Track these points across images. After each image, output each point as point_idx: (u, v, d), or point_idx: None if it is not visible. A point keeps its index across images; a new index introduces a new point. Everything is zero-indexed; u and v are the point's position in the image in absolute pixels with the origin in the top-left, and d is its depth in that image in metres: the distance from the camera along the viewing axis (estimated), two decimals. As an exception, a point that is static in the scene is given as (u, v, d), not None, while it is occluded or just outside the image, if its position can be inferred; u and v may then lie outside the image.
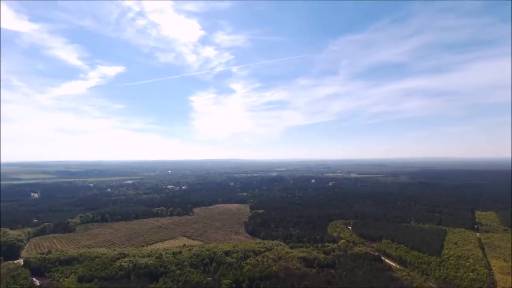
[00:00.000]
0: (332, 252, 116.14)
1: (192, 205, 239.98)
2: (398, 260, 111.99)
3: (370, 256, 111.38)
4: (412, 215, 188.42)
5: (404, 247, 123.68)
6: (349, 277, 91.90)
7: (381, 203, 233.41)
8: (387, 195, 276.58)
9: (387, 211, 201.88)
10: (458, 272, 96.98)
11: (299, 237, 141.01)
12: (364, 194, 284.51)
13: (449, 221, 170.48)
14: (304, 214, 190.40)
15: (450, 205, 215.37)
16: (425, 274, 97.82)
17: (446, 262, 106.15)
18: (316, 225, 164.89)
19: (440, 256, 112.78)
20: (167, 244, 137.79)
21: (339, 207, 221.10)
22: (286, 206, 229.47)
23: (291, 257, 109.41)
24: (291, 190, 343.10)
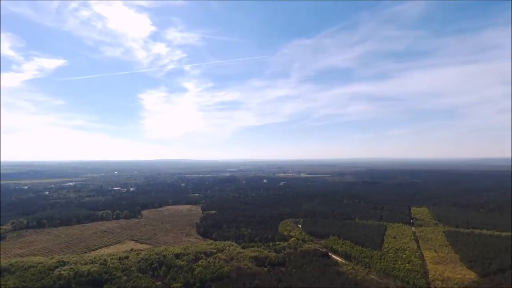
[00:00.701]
0: (283, 251, 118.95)
1: (141, 207, 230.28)
2: (344, 255, 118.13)
3: (318, 253, 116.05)
4: (356, 212, 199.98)
5: (349, 242, 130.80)
6: (298, 274, 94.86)
7: (329, 201, 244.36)
8: (334, 193, 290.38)
9: (334, 209, 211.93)
10: (396, 263, 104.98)
11: (251, 236, 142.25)
12: (313, 193, 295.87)
13: (389, 217, 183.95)
14: (256, 214, 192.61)
15: (390, 202, 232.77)
16: (367, 267, 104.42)
17: (386, 255, 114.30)
18: (268, 225, 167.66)
19: (381, 249, 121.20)
20: (112, 249, 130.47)
21: (290, 206, 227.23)
22: (238, 206, 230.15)
23: (243, 257, 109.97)
24: (244, 190, 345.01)
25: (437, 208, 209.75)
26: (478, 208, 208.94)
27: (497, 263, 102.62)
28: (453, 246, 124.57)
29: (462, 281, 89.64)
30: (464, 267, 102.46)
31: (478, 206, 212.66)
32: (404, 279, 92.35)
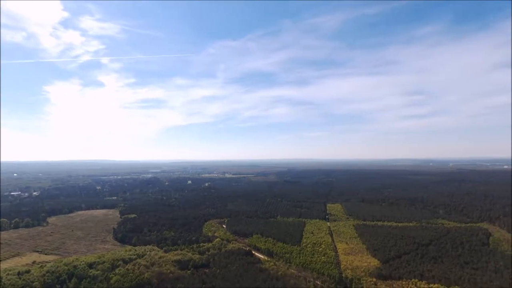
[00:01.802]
0: (207, 252, 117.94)
1: (47, 214, 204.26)
2: (266, 252, 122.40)
3: (242, 252, 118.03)
4: (278, 210, 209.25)
5: (271, 240, 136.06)
6: (222, 274, 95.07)
7: (252, 201, 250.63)
8: (258, 193, 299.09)
9: (258, 208, 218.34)
10: (314, 257, 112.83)
11: (174, 239, 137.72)
12: (238, 193, 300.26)
13: (308, 213, 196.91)
14: (180, 216, 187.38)
15: (308, 200, 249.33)
16: (288, 262, 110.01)
17: (304, 249, 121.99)
18: (192, 226, 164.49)
19: (300, 245, 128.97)
20: (10, 264, 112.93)
21: (214, 206, 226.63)
22: (161, 209, 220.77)
23: (165, 261, 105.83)
24: (167, 192, 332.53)
25: (348, 204, 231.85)
26: (380, 203, 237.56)
27: (396, 250, 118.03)
28: (361, 237, 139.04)
29: (367, 268, 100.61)
30: (370, 255, 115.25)
31: (380, 201, 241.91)
32: (320, 271, 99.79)
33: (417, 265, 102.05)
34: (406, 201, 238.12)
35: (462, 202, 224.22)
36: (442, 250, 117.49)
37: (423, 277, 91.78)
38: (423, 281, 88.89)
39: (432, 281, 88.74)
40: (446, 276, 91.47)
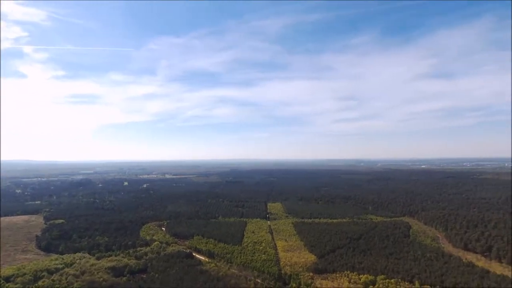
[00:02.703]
0: (144, 256, 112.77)
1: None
2: (207, 254, 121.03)
3: (182, 254, 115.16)
4: (220, 211, 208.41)
5: (213, 241, 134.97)
6: (161, 278, 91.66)
7: (193, 201, 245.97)
8: (199, 194, 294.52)
9: (199, 209, 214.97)
10: (254, 255, 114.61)
11: (108, 245, 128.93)
12: (178, 194, 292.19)
13: (249, 213, 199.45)
14: (115, 220, 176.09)
15: (250, 200, 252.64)
16: (229, 263, 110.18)
17: (245, 249, 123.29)
18: (128, 230, 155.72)
19: (241, 244, 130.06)
20: None
21: (153, 209, 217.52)
22: (93, 213, 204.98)
23: (97, 269, 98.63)
24: (100, 195, 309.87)
25: (288, 203, 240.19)
26: (317, 201, 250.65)
27: (331, 244, 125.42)
28: (299, 234, 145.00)
29: (305, 264, 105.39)
30: (307, 251, 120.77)
31: (317, 200, 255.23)
32: (261, 269, 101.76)
33: (349, 258, 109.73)
34: (341, 199, 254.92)
35: (388, 198, 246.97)
36: (371, 243, 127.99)
37: (354, 269, 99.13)
38: (354, 273, 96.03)
39: (362, 272, 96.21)
40: (374, 267, 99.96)
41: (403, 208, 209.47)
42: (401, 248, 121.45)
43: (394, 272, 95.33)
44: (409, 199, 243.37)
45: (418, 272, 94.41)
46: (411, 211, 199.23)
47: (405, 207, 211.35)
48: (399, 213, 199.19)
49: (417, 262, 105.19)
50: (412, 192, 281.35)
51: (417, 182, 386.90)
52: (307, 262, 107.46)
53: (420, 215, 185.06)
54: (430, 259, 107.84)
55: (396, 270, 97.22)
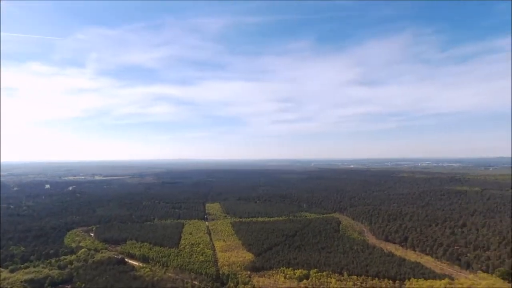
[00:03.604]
0: (69, 265, 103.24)
1: None
2: (141, 258, 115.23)
3: (113, 261, 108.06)
4: (156, 213, 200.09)
5: (147, 244, 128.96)
6: None
7: (127, 204, 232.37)
8: (133, 195, 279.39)
9: (133, 211, 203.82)
10: (192, 257, 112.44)
11: (25, 255, 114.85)
12: (109, 197, 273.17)
13: (187, 214, 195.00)
14: (34, 227, 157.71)
15: (187, 201, 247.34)
16: (165, 266, 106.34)
17: (183, 251, 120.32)
18: (50, 238, 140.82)
19: (178, 247, 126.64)
20: None
21: (80, 213, 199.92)
22: (6, 220, 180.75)
23: (11, 283, 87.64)
24: (16, 199, 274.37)
25: (226, 203, 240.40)
26: (255, 200, 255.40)
27: (268, 242, 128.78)
28: (237, 234, 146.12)
29: (243, 262, 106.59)
30: (245, 250, 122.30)
31: (256, 199, 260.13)
32: (198, 271, 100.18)
33: (285, 255, 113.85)
34: (277, 198, 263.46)
35: (321, 196, 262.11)
36: (305, 239, 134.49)
37: (290, 265, 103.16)
38: (289, 268, 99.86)
39: (297, 267, 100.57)
40: (308, 262, 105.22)
41: (334, 205, 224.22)
42: (332, 242, 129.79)
43: (325, 265, 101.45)
44: (339, 196, 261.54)
45: (347, 264, 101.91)
46: (341, 208, 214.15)
47: (336, 204, 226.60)
48: (331, 210, 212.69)
49: (345, 254, 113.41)
50: (342, 190, 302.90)
51: (346, 180, 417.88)
52: (244, 261, 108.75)
53: (348, 211, 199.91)
54: (357, 251, 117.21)
55: (328, 263, 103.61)
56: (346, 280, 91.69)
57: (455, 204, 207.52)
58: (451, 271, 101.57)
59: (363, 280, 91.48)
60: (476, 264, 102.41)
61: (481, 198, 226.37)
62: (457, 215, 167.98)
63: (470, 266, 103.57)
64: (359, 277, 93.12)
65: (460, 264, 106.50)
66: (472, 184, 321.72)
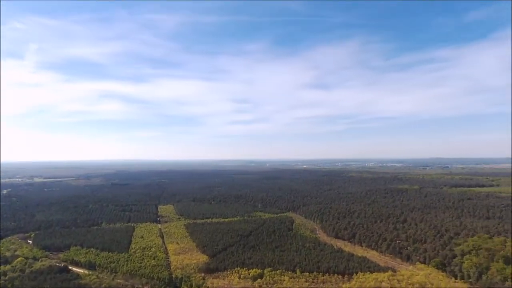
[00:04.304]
0: (3, 277, 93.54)
1: None
2: (87, 265, 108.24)
3: (55, 269, 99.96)
4: (104, 216, 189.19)
5: (94, 250, 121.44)
6: (26, 300, 77.65)
7: (70, 208, 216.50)
8: (78, 199, 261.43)
9: (78, 216, 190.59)
10: (143, 262, 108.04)
11: None
12: (51, 200, 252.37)
13: (138, 217, 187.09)
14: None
15: (139, 203, 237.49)
16: (114, 273, 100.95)
17: (133, 256, 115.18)
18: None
19: (128, 251, 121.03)
20: None
21: (15, 219, 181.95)
22: None
23: None
24: None
25: (180, 204, 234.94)
26: (210, 201, 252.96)
27: (222, 243, 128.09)
28: (191, 236, 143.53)
29: (197, 265, 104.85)
30: (199, 252, 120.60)
31: (210, 200, 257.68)
32: (150, 275, 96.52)
33: (239, 255, 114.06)
34: (233, 198, 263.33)
35: (275, 196, 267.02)
36: (259, 239, 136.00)
37: (244, 265, 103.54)
38: (244, 268, 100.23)
39: (251, 267, 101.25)
40: (262, 261, 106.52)
41: (287, 204, 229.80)
42: (285, 241, 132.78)
43: (279, 264, 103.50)
44: (293, 196, 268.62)
45: (299, 261, 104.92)
46: (294, 207, 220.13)
47: (289, 203, 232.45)
48: (285, 209, 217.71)
49: (298, 252, 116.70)
50: (295, 190, 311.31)
51: (299, 180, 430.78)
52: (199, 263, 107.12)
53: (301, 210, 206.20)
54: (309, 248, 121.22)
55: (281, 261, 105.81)
56: (299, 277, 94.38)
57: (397, 202, 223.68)
58: (394, 264, 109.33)
59: (315, 276, 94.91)
60: (415, 256, 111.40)
61: (419, 196, 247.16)
62: (399, 211, 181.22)
63: (410, 259, 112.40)
64: (311, 274, 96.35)
65: (401, 257, 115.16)
66: (412, 182, 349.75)
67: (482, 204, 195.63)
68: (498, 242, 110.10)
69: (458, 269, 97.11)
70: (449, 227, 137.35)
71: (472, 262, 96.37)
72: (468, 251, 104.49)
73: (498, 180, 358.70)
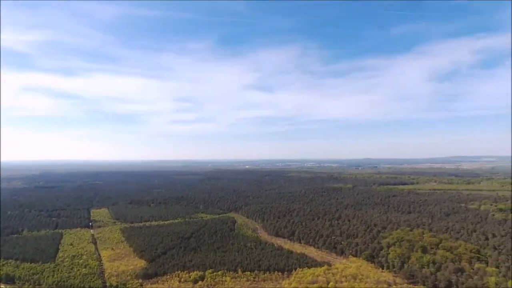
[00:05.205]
0: None
1: None
2: (5, 279, 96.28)
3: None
4: (25, 223, 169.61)
5: (13, 262, 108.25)
6: None
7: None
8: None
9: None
10: (72, 271, 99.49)
11: None
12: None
13: (67, 223, 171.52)
14: None
15: (68, 207, 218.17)
16: (37, 285, 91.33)
17: (61, 265, 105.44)
18: None
19: (55, 261, 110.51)
20: None
21: None
22: None
23: None
24: None
25: (116, 208, 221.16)
26: (149, 203, 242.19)
27: (162, 247, 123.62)
28: (128, 241, 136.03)
29: (134, 271, 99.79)
30: (137, 257, 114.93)
31: (149, 202, 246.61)
32: (80, 285, 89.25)
33: (180, 258, 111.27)
34: (173, 200, 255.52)
35: (217, 196, 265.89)
36: (201, 240, 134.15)
37: (185, 268, 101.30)
38: (184, 272, 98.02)
39: (192, 269, 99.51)
40: (203, 263, 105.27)
41: (230, 204, 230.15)
42: (227, 241, 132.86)
43: (221, 265, 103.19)
44: (235, 196, 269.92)
45: (241, 261, 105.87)
46: (236, 207, 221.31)
47: (232, 203, 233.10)
48: (227, 210, 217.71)
49: (240, 252, 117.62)
50: (237, 190, 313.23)
51: (242, 180, 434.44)
52: (136, 268, 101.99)
53: (243, 210, 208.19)
54: (251, 248, 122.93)
55: (223, 262, 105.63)
56: (240, 277, 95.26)
57: (333, 200, 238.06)
58: (329, 258, 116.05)
59: (256, 275, 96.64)
60: (348, 250, 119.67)
61: (352, 194, 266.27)
62: (334, 209, 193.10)
63: (343, 252, 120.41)
64: (252, 273, 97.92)
65: (336, 252, 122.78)
66: (346, 182, 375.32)
67: (405, 200, 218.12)
68: (417, 234, 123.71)
69: (385, 260, 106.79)
70: (377, 222, 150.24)
71: (396, 253, 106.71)
72: (392, 243, 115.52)
73: (418, 179, 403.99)
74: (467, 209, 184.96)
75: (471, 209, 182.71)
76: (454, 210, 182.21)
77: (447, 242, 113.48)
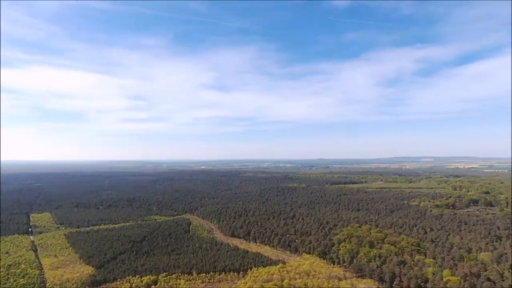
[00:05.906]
0: None
1: None
2: None
3: None
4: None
5: None
6: None
7: None
8: None
9: None
10: (8, 282, 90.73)
11: None
12: None
13: (3, 229, 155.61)
14: None
15: (4, 212, 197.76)
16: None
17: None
18: None
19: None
20: None
21: None
22: None
23: None
24: None
25: (59, 212, 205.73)
26: (98, 206, 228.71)
27: (111, 252, 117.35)
28: (74, 247, 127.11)
29: (80, 278, 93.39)
30: (84, 264, 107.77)
31: (98, 205, 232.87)
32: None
33: (131, 262, 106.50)
34: (125, 202, 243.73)
35: (172, 198, 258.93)
36: (154, 243, 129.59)
37: (137, 272, 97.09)
38: (136, 276, 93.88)
39: (145, 274, 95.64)
40: (157, 266, 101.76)
41: (185, 206, 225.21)
42: (182, 243, 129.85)
43: (175, 268, 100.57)
44: (190, 197, 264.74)
45: (196, 263, 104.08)
46: (191, 208, 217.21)
47: (187, 204, 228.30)
48: (181, 211, 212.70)
49: (195, 254, 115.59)
50: (193, 191, 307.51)
51: (197, 181, 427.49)
52: (82, 276, 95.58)
53: (199, 211, 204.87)
54: (206, 249, 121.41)
55: (177, 265, 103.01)
56: (195, 279, 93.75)
57: (287, 199, 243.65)
58: (284, 256, 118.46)
59: (211, 276, 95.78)
60: (302, 248, 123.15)
61: (306, 193, 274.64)
62: (289, 208, 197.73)
63: (298, 250, 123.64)
64: (208, 274, 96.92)
65: (290, 250, 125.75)
66: (300, 181, 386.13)
67: (354, 198, 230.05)
68: (365, 230, 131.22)
69: (336, 255, 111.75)
70: (329, 219, 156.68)
71: (346, 249, 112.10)
72: (343, 239, 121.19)
73: (366, 178, 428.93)
74: (409, 205, 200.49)
75: (412, 206, 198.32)
76: (398, 206, 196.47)
77: (392, 237, 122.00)
